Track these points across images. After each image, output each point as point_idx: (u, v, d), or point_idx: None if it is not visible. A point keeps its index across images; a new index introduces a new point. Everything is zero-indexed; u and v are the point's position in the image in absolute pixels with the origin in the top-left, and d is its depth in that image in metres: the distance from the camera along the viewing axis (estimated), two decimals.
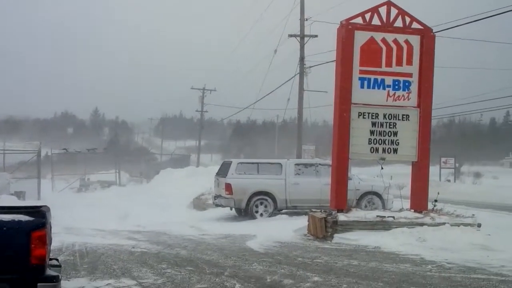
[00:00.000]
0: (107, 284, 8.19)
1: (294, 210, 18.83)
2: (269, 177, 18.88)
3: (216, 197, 19.71)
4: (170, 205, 23.78)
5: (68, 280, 8.29)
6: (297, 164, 19.53)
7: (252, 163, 20.02)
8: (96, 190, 36.07)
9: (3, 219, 5.34)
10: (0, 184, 25.79)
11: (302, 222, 15.04)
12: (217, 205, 20.03)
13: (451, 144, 63.00)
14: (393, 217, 13.24)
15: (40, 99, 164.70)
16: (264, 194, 18.71)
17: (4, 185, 26.18)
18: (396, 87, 13.95)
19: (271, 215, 18.57)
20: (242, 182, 18.63)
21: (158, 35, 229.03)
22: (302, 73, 29.31)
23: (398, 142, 13.92)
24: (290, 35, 29.51)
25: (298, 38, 29.30)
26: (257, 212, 18.60)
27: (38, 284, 5.32)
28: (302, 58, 29.25)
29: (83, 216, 19.92)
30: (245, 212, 18.76)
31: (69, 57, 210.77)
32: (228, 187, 18.61)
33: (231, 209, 19.76)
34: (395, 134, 13.90)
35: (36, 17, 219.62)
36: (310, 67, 29.54)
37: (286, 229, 14.75)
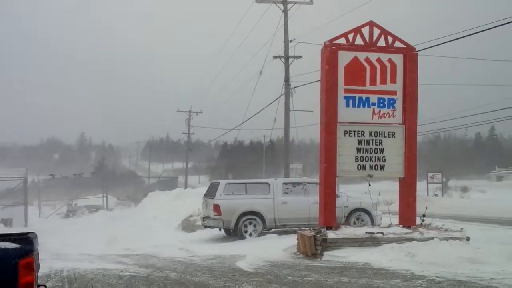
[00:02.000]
0: None
1: (283, 229, 18.78)
2: (257, 197, 18.83)
3: (205, 218, 19.60)
4: (158, 227, 23.58)
5: None
6: (285, 183, 19.51)
7: (240, 183, 19.98)
8: (83, 215, 35.73)
9: None
10: None
11: (291, 240, 14.98)
12: (206, 226, 19.92)
13: (437, 159, 63.40)
14: (382, 233, 13.24)
15: (26, 125, 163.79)
16: (252, 214, 18.64)
17: None
18: (381, 104, 14.08)
19: (260, 234, 18.49)
20: (230, 203, 18.57)
21: (144, 60, 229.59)
22: (287, 94, 29.48)
23: (384, 159, 14.01)
24: (275, 57, 29.75)
25: (283, 60, 29.55)
26: (246, 232, 18.51)
27: None
28: (287, 79, 29.46)
29: (71, 242, 19.68)
30: (234, 233, 18.67)
31: (55, 82, 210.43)
32: (217, 208, 18.54)
33: (220, 229, 19.65)
34: (382, 151, 14.00)
35: (20, 40, 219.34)
36: (295, 87, 29.75)
37: (276, 248, 14.66)
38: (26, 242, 5.41)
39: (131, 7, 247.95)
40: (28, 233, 5.74)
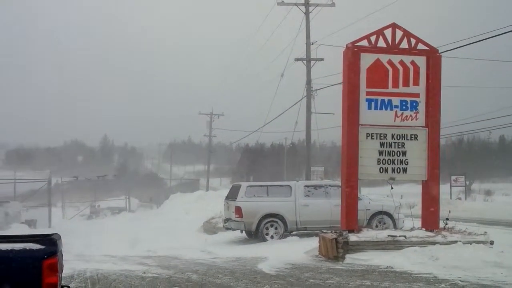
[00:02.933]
0: None
1: (304, 232, 18.75)
2: (278, 199, 18.84)
3: (226, 220, 19.66)
4: (180, 229, 23.72)
5: None
6: (307, 186, 19.49)
7: (262, 186, 20.01)
8: (106, 217, 36.04)
9: (15, 248, 5.36)
10: (12, 213, 25.83)
11: (313, 243, 14.95)
12: (227, 229, 19.97)
13: (461, 162, 62.66)
14: (405, 236, 13.14)
15: (50, 127, 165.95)
16: (274, 216, 18.64)
17: (15, 214, 26.23)
18: (404, 107, 13.99)
19: (282, 237, 18.48)
20: (252, 205, 18.59)
21: (167, 62, 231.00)
22: (309, 96, 29.46)
23: (407, 162, 13.91)
24: (297, 59, 29.75)
25: (305, 62, 29.51)
26: (267, 234, 18.52)
27: None
28: (309, 81, 29.43)
29: (94, 243, 19.89)
30: (255, 235, 18.69)
31: (78, 85, 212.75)
32: (238, 210, 18.57)
33: (241, 232, 19.68)
34: (404, 154, 13.90)
35: (43, 45, 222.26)
36: (317, 90, 29.70)
37: (297, 251, 14.65)
38: (50, 243, 5.49)
39: (155, 7, 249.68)
40: (52, 234, 5.82)
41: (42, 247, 5.41)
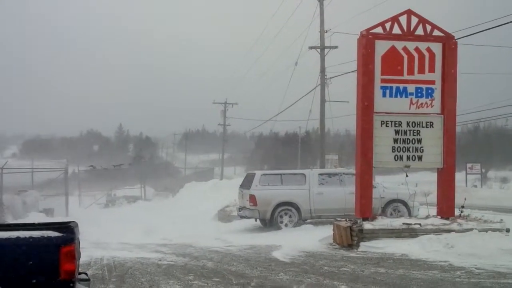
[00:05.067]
0: None
1: (319, 220, 18.74)
2: (293, 188, 18.83)
3: (241, 208, 19.70)
4: (195, 218, 23.84)
5: None
6: (321, 174, 19.46)
7: (276, 174, 20.01)
8: (122, 205, 36.36)
9: (33, 236, 5.41)
10: (29, 202, 26.12)
11: (327, 231, 14.94)
12: (241, 217, 20.01)
13: (476, 150, 62.09)
14: (420, 224, 13.08)
15: (66, 117, 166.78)
16: (288, 204, 18.65)
17: (33, 202, 26.54)
18: (419, 94, 13.86)
19: (296, 225, 18.49)
20: (266, 193, 18.61)
21: (181, 51, 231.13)
22: (323, 84, 29.30)
23: (422, 150, 13.81)
24: (311, 47, 29.55)
25: (319, 50, 29.32)
26: (281, 222, 18.54)
27: None
28: (323, 70, 29.26)
29: (110, 231, 20.06)
30: (269, 223, 18.72)
31: (94, 75, 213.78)
32: (253, 198, 18.60)
33: (255, 220, 19.73)
34: (419, 141, 13.80)
35: (58, 36, 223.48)
36: (331, 78, 29.50)
37: (311, 239, 14.66)
38: (68, 231, 5.54)
39: None
40: (69, 222, 5.87)
41: (60, 234, 5.46)
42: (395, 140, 13.74)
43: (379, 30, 13.80)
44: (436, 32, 13.95)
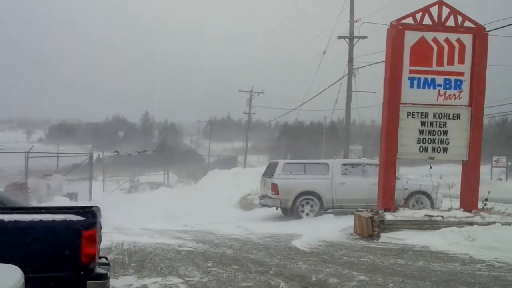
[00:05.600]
0: (154, 282, 8.31)
1: (340, 210, 18.73)
2: (315, 177, 18.84)
3: (262, 197, 19.77)
4: (217, 205, 23.97)
5: (117, 278, 8.46)
6: (344, 164, 19.42)
7: (299, 163, 20.03)
8: (145, 191, 36.64)
9: (56, 219, 5.53)
10: (54, 186, 26.50)
11: (348, 221, 14.93)
12: (263, 205, 20.10)
13: (503, 143, 61.22)
14: (442, 216, 12.98)
15: (92, 103, 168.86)
16: (310, 194, 18.67)
17: (57, 187, 26.91)
18: (447, 86, 13.74)
19: (317, 214, 18.51)
20: (289, 182, 18.64)
21: (208, 39, 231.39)
22: (350, 74, 29.13)
23: (448, 141, 13.70)
24: (339, 37, 29.35)
25: (347, 40, 29.12)
26: (303, 211, 18.58)
27: (88, 281, 5.48)
28: (351, 60, 29.08)
29: (132, 216, 20.28)
30: (291, 212, 18.76)
31: (120, 62, 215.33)
32: (275, 187, 18.65)
33: (277, 209, 19.79)
34: (445, 133, 13.68)
35: (87, 23, 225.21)
36: (359, 68, 29.31)
37: (332, 229, 14.66)
38: (90, 215, 5.65)
39: None
40: (92, 206, 5.98)
41: (82, 218, 5.57)
42: (421, 132, 13.66)
43: (409, 20, 13.72)
44: (467, 24, 13.78)
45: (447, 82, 13.70)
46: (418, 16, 13.65)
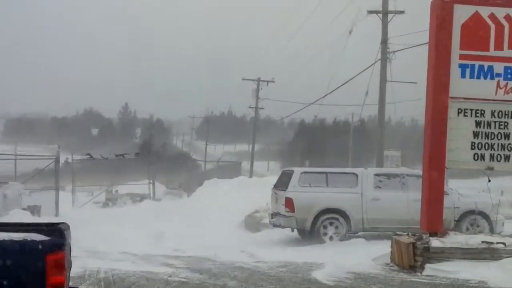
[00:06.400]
0: None
1: (373, 233, 18.69)
2: (341, 191, 18.82)
3: (274, 215, 19.75)
4: (216, 224, 23.94)
5: None
6: (378, 175, 19.41)
7: (320, 172, 20.02)
8: (125, 205, 36.69)
9: (13, 239, 5.47)
10: (11, 197, 26.52)
11: (383, 248, 14.89)
12: (274, 225, 20.08)
13: None
14: (504, 243, 12.95)
15: (59, 95, 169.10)
16: (334, 212, 18.65)
17: (15, 197, 26.93)
18: (509, 76, 13.68)
19: (344, 238, 18.49)
20: (307, 197, 18.62)
21: (205, 14, 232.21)
22: (384, 59, 29.08)
23: (510, 147, 13.64)
24: (370, 11, 29.33)
25: (380, 15, 29.07)
26: (325, 234, 18.55)
27: None
28: (384, 40, 29.05)
29: (110, 237, 20.27)
30: (310, 235, 18.74)
31: (95, 47, 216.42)
32: (289, 202, 18.62)
33: (292, 230, 19.76)
34: (507, 136, 13.61)
35: (57, 8, 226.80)
36: (395, 51, 29.25)
37: (363, 257, 14.64)
38: (57, 234, 5.60)
39: None
40: (59, 223, 5.95)
41: (47, 238, 5.53)
42: (476, 134, 13.60)
43: None
44: None
45: (509, 71, 13.65)
46: None
